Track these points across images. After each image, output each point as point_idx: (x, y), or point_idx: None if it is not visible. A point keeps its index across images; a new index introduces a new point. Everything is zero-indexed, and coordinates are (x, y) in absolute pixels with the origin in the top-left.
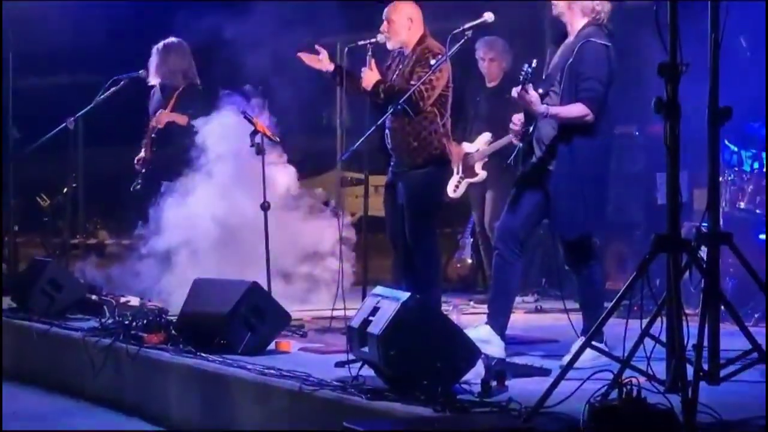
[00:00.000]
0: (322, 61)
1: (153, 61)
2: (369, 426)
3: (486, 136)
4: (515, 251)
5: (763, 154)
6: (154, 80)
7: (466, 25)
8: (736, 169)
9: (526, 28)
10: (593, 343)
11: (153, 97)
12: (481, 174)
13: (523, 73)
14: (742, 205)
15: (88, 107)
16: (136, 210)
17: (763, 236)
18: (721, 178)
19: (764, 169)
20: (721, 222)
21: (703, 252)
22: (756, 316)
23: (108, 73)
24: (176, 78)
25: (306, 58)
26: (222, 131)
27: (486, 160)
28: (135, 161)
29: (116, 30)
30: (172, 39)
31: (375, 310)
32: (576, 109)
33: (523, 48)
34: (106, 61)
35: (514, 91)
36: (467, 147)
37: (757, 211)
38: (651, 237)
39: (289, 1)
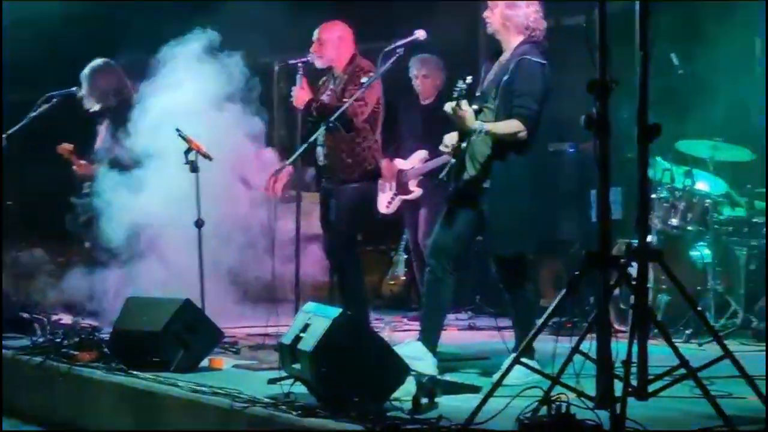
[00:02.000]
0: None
1: (84, 86)
2: None
3: (421, 154)
4: (447, 268)
5: (695, 171)
6: (90, 105)
7: (398, 43)
8: (669, 185)
9: (460, 46)
10: (523, 360)
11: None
12: (416, 191)
13: (457, 89)
14: (675, 221)
15: (20, 125)
16: (73, 228)
17: (695, 253)
18: (654, 195)
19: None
20: (654, 238)
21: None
22: (688, 332)
23: (43, 90)
24: (108, 98)
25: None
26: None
27: (420, 177)
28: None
29: (51, 47)
30: (98, 60)
31: (306, 327)
32: (511, 126)
33: (458, 66)
34: (41, 79)
35: (448, 107)
36: (401, 164)
37: (689, 228)
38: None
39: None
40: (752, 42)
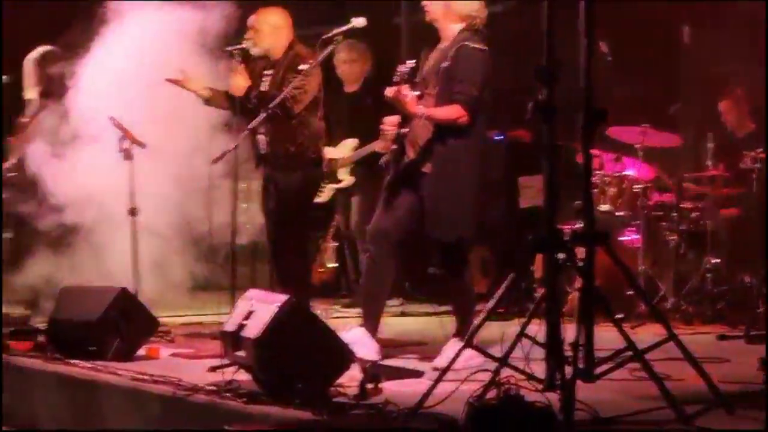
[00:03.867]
0: (190, 82)
1: (28, 73)
2: (250, 429)
3: (351, 142)
4: (388, 252)
5: (624, 158)
6: (31, 94)
7: (336, 30)
8: (598, 171)
9: (382, 35)
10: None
11: (28, 108)
12: (347, 180)
13: (398, 73)
14: (604, 207)
15: None
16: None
17: (624, 237)
18: None
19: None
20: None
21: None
22: (620, 316)
23: None
24: (53, 86)
25: (174, 82)
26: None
27: (351, 165)
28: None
29: None
30: (44, 48)
31: (249, 314)
32: (451, 111)
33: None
34: None
35: (389, 91)
36: (331, 152)
37: (619, 213)
38: (518, 240)
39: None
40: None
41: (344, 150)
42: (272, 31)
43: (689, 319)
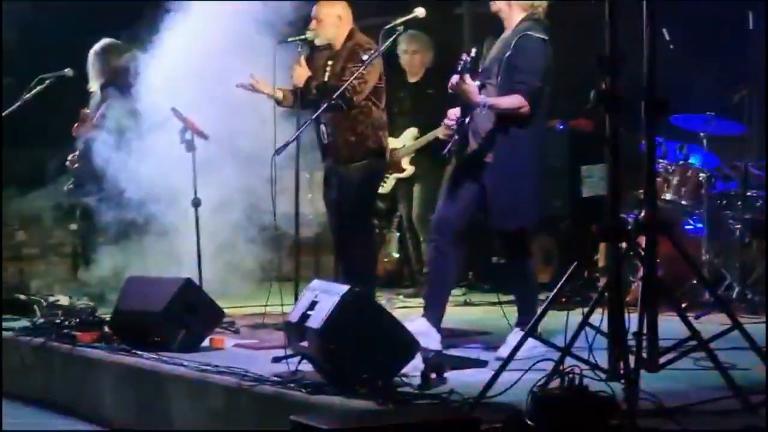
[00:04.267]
0: (261, 86)
1: (92, 65)
2: (316, 420)
3: (412, 131)
4: (452, 242)
5: (688, 145)
6: (94, 86)
7: (398, 20)
8: (661, 160)
9: (445, 24)
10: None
11: (92, 99)
12: (409, 169)
13: (461, 62)
14: (668, 196)
15: (13, 107)
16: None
17: (689, 226)
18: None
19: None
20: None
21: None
22: (683, 306)
23: (24, 74)
24: (116, 77)
25: (246, 87)
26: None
27: (412, 155)
28: (68, 160)
29: (29, 30)
30: (107, 40)
31: (313, 304)
32: (513, 101)
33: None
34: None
35: (453, 80)
36: (393, 142)
37: (682, 202)
38: (581, 229)
39: None
40: (745, 15)
41: (406, 139)
42: (334, 21)
43: (754, 308)
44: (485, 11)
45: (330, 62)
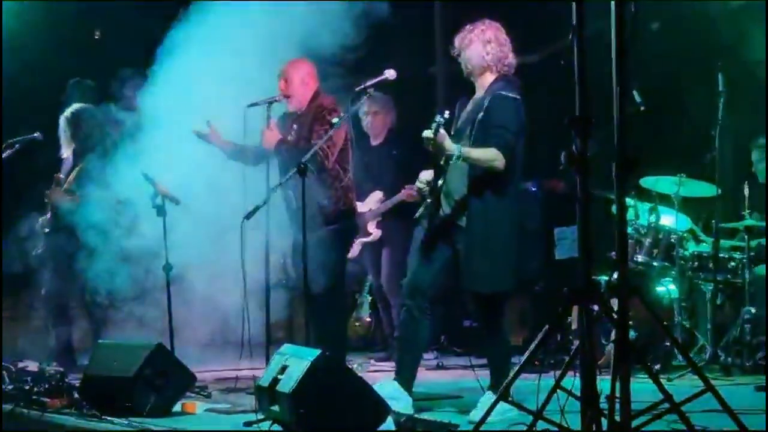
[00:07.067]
0: (214, 136)
1: (64, 130)
2: None
3: (377, 195)
4: (424, 307)
5: (660, 207)
6: (66, 152)
7: (368, 83)
8: (634, 222)
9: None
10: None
11: (64, 164)
12: (375, 233)
13: (435, 122)
14: (640, 258)
15: None
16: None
17: (661, 288)
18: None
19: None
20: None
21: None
22: (656, 367)
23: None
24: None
25: (201, 135)
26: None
27: (379, 219)
28: (39, 223)
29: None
30: (78, 105)
31: (284, 369)
32: (487, 153)
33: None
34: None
35: (426, 133)
36: (358, 206)
37: (654, 263)
38: (555, 291)
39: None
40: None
41: (371, 203)
42: (301, 82)
43: (728, 370)
44: (459, 69)
45: (295, 126)
